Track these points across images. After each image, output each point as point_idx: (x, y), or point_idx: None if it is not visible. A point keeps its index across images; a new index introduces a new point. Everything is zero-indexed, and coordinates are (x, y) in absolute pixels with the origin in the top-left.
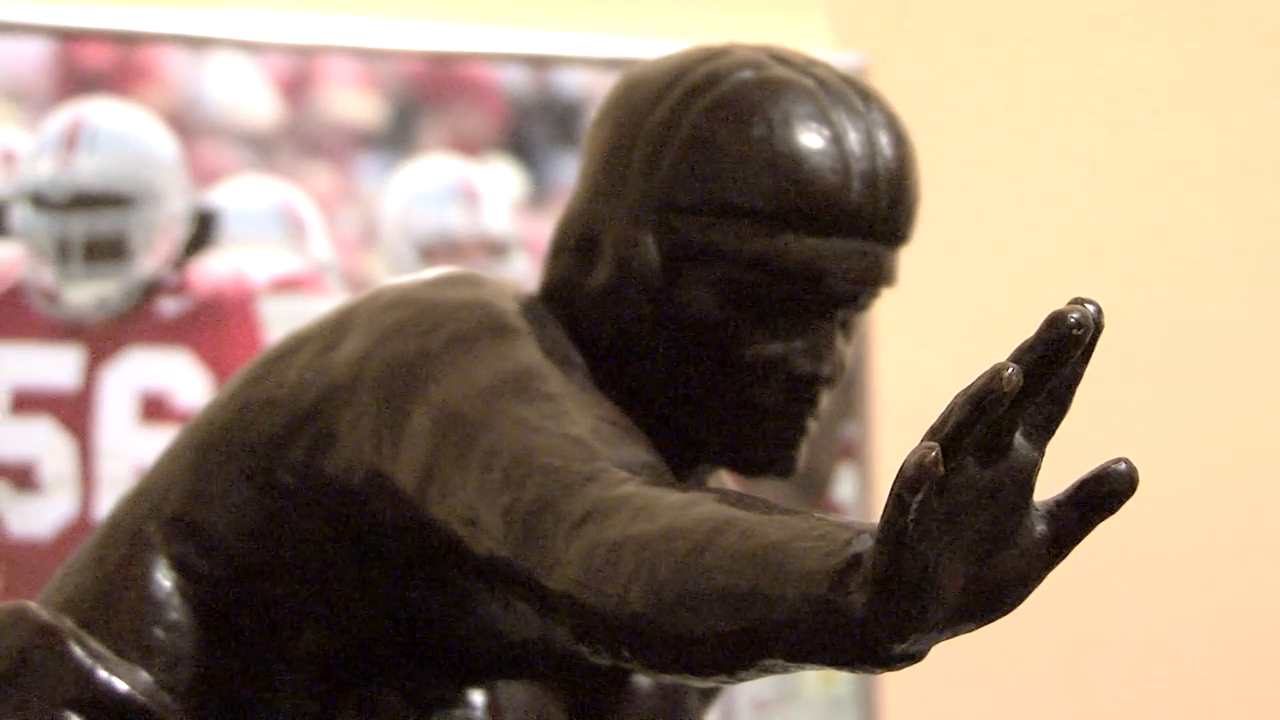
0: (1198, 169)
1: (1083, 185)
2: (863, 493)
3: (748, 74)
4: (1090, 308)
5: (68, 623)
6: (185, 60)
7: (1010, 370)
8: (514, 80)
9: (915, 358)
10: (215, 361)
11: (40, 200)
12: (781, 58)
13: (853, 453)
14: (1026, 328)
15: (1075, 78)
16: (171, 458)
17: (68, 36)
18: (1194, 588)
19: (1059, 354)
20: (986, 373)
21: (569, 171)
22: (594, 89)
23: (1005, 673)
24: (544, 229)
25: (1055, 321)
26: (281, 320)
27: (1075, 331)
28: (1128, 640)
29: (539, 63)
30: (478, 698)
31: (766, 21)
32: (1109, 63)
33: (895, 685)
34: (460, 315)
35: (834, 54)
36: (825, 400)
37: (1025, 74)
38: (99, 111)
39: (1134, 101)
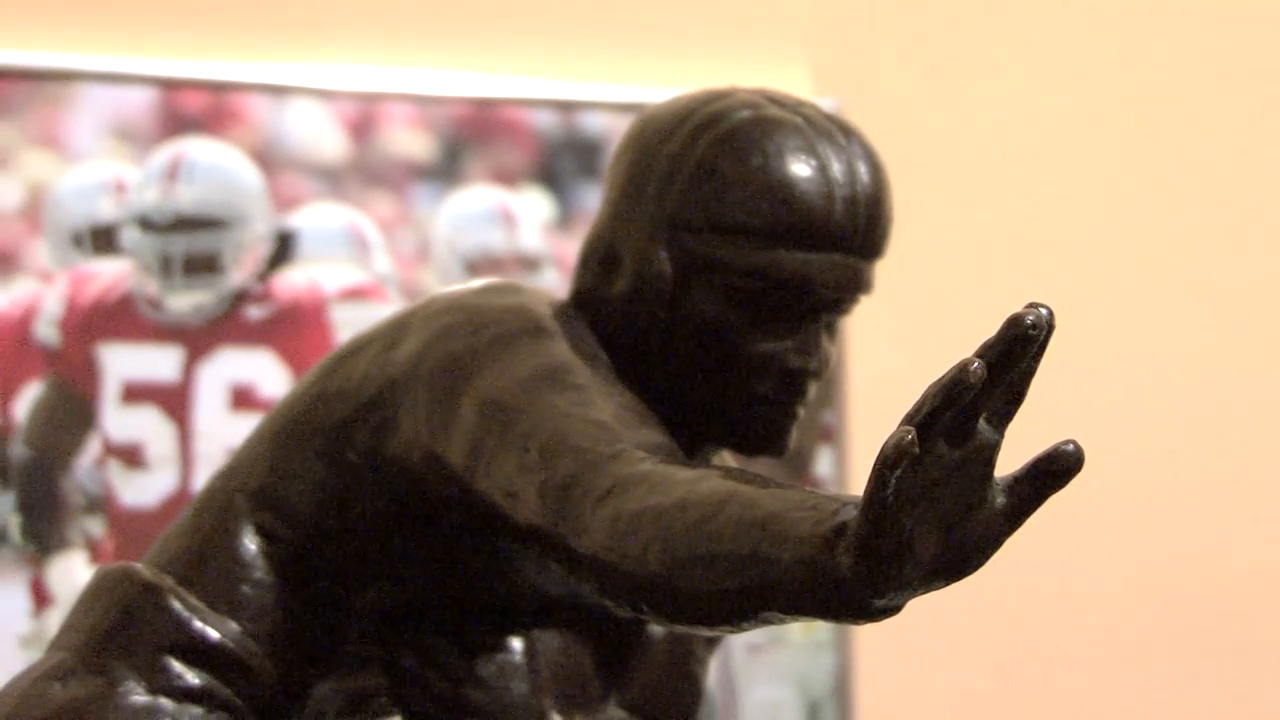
0: (1136, 195)
1: (1030, 209)
2: (839, 470)
3: (746, 113)
4: (1043, 311)
5: (168, 580)
6: (268, 105)
7: (976, 364)
8: (544, 121)
9: (884, 355)
10: (293, 359)
11: (147, 223)
12: (775, 99)
13: (830, 436)
14: (980, 330)
15: (1023, 115)
16: (256, 440)
17: (169, 85)
18: (1129, 551)
19: (1017, 350)
20: (955, 366)
21: (591, 198)
22: (612, 129)
23: (961, 619)
24: (570, 247)
25: (1014, 322)
26: (349, 324)
27: (1031, 331)
28: (1066, 595)
29: (566, 107)
30: (516, 643)
31: (755, 70)
32: (1054, 103)
33: (866, 630)
34: (502, 318)
35: (814, 98)
36: (813, 390)
37: (980, 114)
38: (196, 148)
39: (1076, 141)
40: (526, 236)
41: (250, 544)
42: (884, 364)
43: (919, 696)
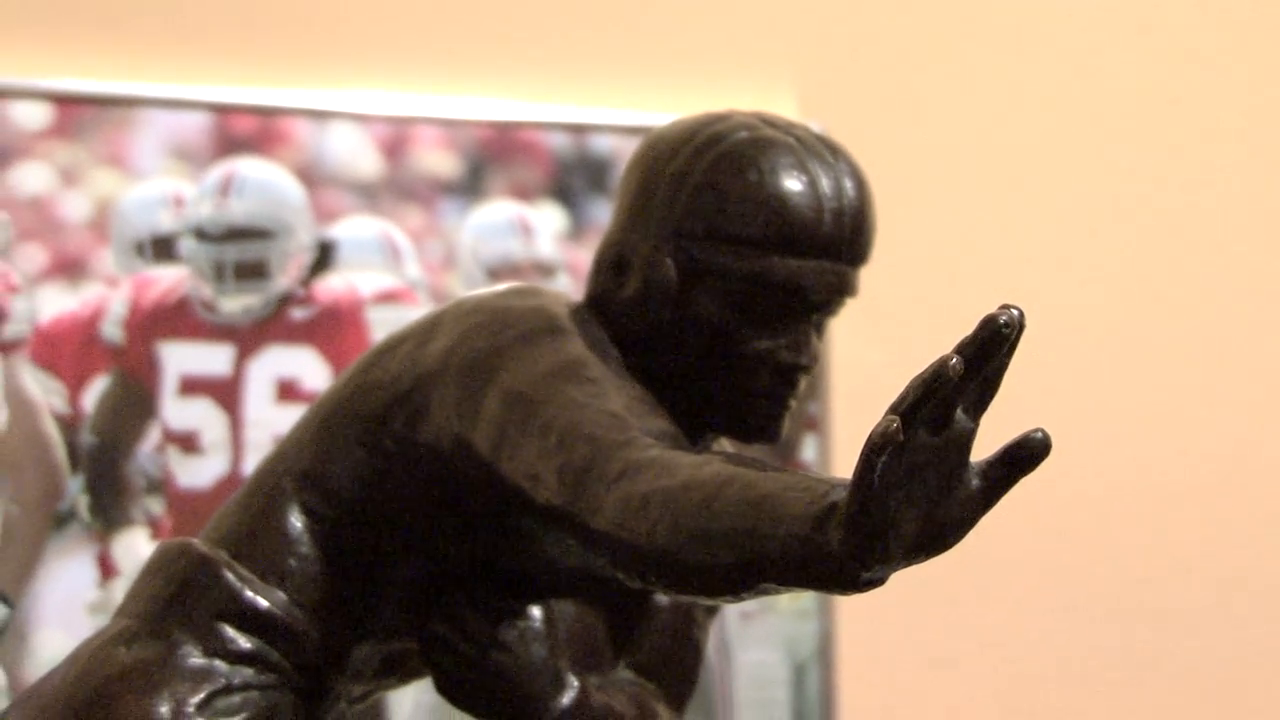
0: (1094, 212)
1: (997, 222)
2: (822, 456)
3: (744, 134)
4: (1015, 312)
5: (222, 554)
6: (310, 128)
7: (954, 360)
8: (558, 143)
9: (864, 353)
10: (332, 356)
11: (201, 234)
12: (769, 121)
13: (815, 425)
14: (950, 330)
15: (990, 139)
16: (302, 428)
17: (222, 110)
18: (1085, 528)
19: (991, 347)
20: (936, 362)
21: (600, 212)
22: (619, 149)
23: (932, 590)
24: (581, 255)
25: (988, 322)
26: (383, 324)
27: (1004, 330)
28: (1027, 567)
29: (577, 129)
30: (536, 611)
31: (746, 97)
32: (1018, 126)
33: (846, 600)
34: (524, 319)
35: (800, 122)
36: (804, 384)
37: (952, 135)
38: (246, 166)
39: (1039, 161)
40: (542, 246)
41: (296, 521)
42: (864, 361)
43: (894, 659)
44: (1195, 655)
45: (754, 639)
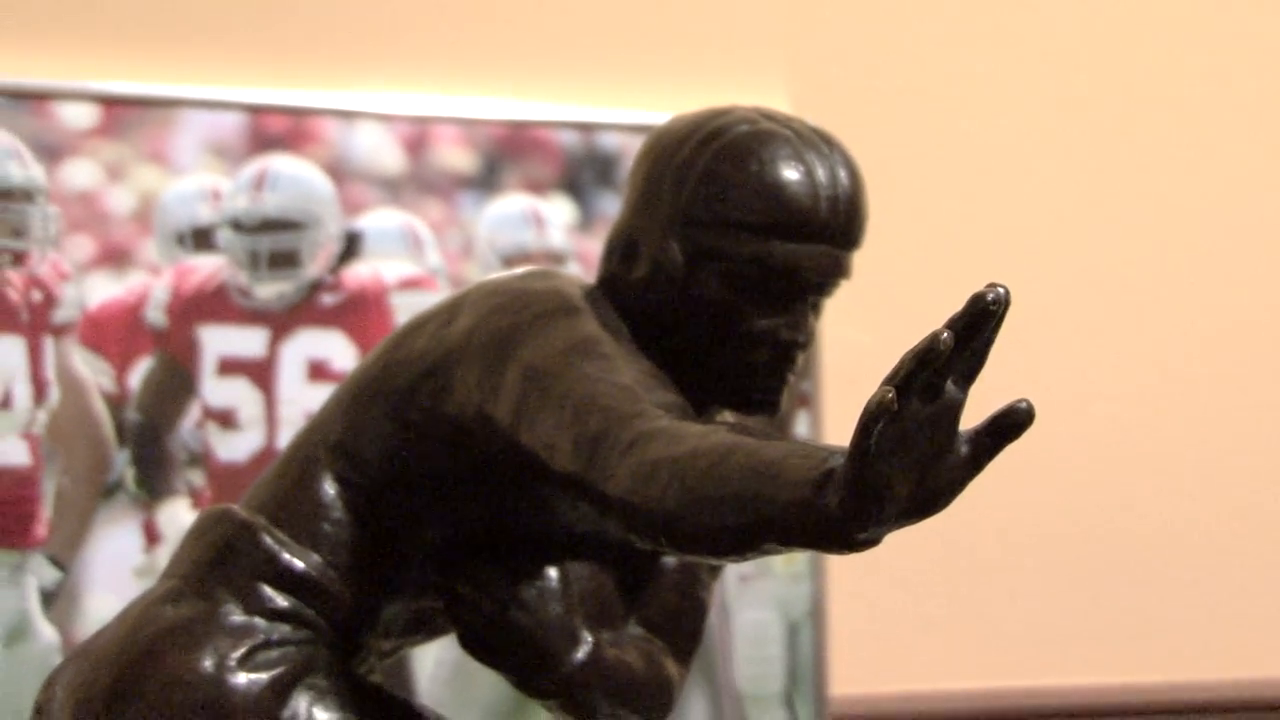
0: (1068, 204)
1: (978, 211)
2: (814, 430)
3: (745, 127)
4: (1001, 290)
5: (260, 520)
6: (338, 127)
7: (945, 334)
8: (568, 140)
9: (853, 334)
10: (359, 338)
11: (238, 225)
12: (768, 115)
13: (807, 402)
14: (932, 312)
15: (971, 134)
16: (334, 403)
17: (256, 110)
18: (1074, 494)
19: (979, 322)
20: (928, 336)
21: (607, 205)
22: (625, 146)
23: (916, 554)
24: (589, 245)
25: (977, 299)
26: (405, 309)
27: (991, 307)
28: (1006, 531)
29: (586, 128)
30: (552, 571)
31: (741, 96)
32: (999, 122)
33: (836, 564)
34: (541, 299)
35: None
36: (801, 360)
37: (936, 129)
38: (278, 162)
39: (1020, 155)
40: (553, 236)
41: (329, 489)
42: (852, 342)
43: (881, 618)
44: (1180, 615)
45: (751, 600)
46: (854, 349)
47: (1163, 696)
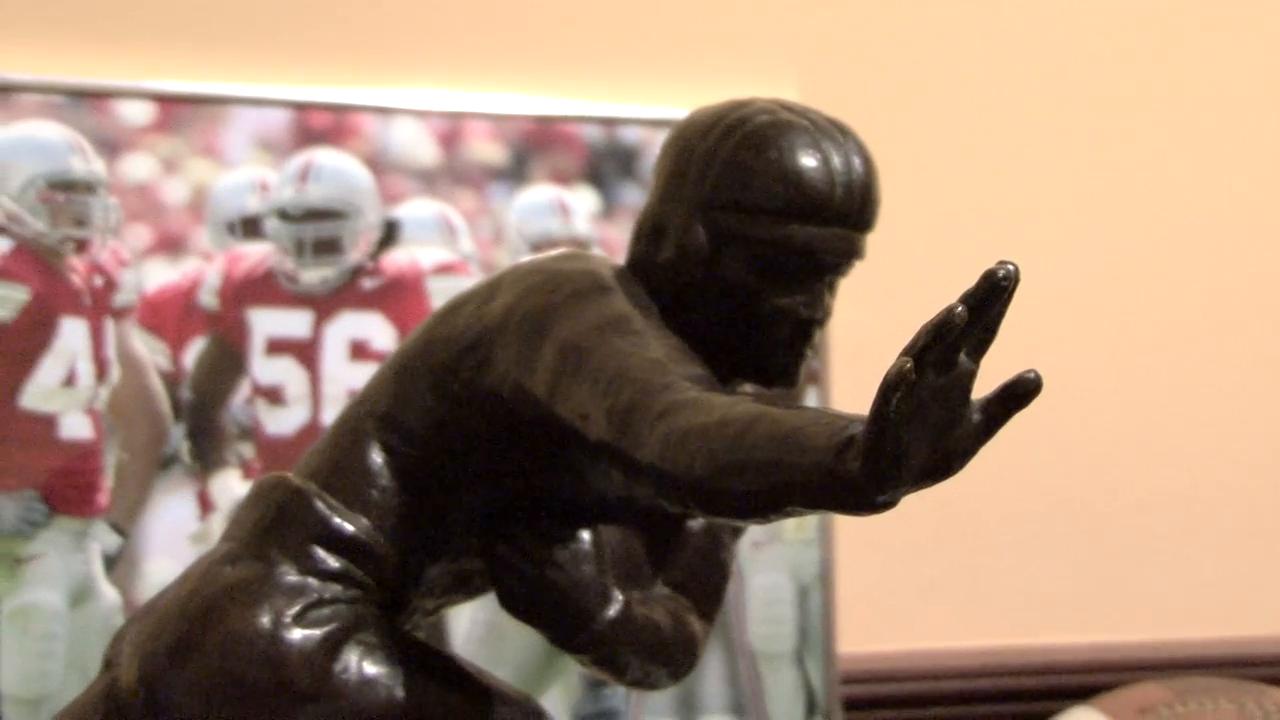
0: (1071, 197)
1: (983, 199)
2: (821, 405)
3: (765, 117)
4: (1011, 267)
5: (313, 486)
6: (377, 122)
7: (960, 308)
8: (592, 134)
9: (860, 314)
10: (397, 320)
11: (284, 214)
12: (787, 106)
13: (816, 379)
14: (936, 295)
15: (976, 123)
16: (381, 377)
17: (301, 107)
18: (1077, 463)
19: (991, 297)
20: (943, 310)
21: (629, 195)
22: (646, 139)
23: (921, 521)
24: (612, 233)
25: (989, 276)
26: (440, 293)
27: (1002, 282)
28: (1010, 497)
29: (609, 123)
30: (585, 534)
31: (753, 91)
32: (1004, 114)
33: (845, 529)
34: (575, 279)
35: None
36: (818, 336)
37: (941, 120)
38: (322, 156)
39: (1025, 146)
40: (578, 224)
41: (377, 458)
42: (860, 322)
43: (886, 581)
44: (1168, 577)
45: (763, 564)
46: (861, 329)
47: (1151, 653)
